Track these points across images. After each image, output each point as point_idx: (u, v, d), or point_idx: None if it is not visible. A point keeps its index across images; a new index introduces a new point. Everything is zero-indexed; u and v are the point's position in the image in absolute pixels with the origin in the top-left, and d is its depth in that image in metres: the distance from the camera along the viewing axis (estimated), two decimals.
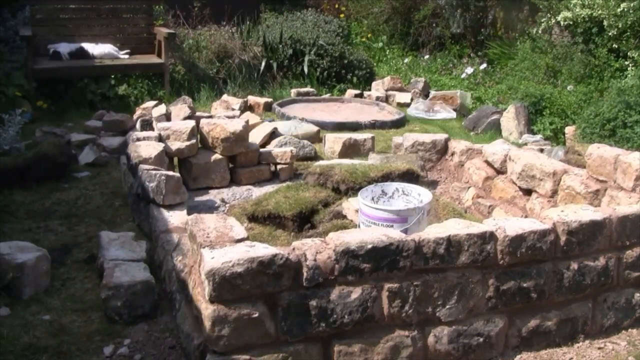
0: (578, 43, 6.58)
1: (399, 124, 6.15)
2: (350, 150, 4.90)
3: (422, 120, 6.49)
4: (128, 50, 7.22)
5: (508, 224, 2.56)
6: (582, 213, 2.67)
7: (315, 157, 4.92)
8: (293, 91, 7.18)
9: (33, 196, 4.15)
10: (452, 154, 4.60)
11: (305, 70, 7.61)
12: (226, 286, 2.10)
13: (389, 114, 6.51)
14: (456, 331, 2.47)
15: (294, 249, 2.26)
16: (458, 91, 7.01)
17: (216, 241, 2.25)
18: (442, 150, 4.68)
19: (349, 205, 3.67)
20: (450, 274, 2.43)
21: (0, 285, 2.87)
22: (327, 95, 7.22)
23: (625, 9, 5.99)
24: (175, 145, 4.21)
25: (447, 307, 2.43)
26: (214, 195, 4.22)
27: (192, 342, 2.32)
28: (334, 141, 4.97)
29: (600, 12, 6.20)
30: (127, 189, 4.11)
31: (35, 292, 2.94)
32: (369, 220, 3.26)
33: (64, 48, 6.82)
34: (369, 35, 9.57)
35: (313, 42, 7.79)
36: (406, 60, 8.85)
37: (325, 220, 3.66)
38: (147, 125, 5.00)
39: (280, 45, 7.74)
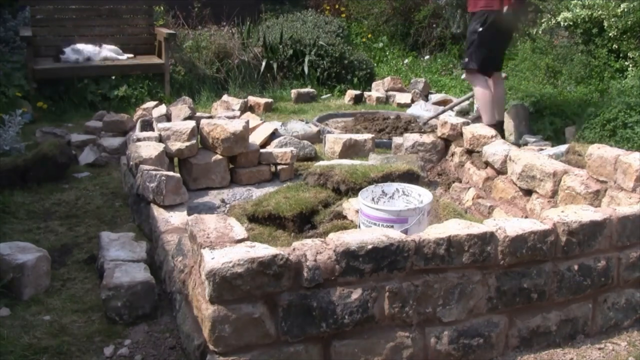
0: (578, 44, 6.58)
1: None
2: (351, 150, 4.90)
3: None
4: (131, 55, 7.22)
5: (508, 224, 2.55)
6: (583, 213, 2.67)
7: (316, 157, 4.92)
8: (293, 92, 7.17)
9: (33, 197, 4.15)
10: (453, 155, 4.60)
11: (306, 70, 7.61)
12: (226, 287, 2.10)
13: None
14: (456, 331, 2.47)
15: (294, 249, 2.26)
16: (453, 98, 7.04)
17: (216, 242, 2.25)
18: (443, 150, 4.68)
19: (349, 206, 3.67)
20: (451, 274, 2.42)
21: (0, 286, 2.87)
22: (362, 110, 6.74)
23: (626, 10, 5.99)
24: (175, 145, 4.21)
25: (448, 307, 2.43)
26: (214, 196, 4.22)
27: (193, 343, 2.32)
28: (334, 142, 4.96)
29: (600, 12, 6.20)
30: (127, 189, 4.11)
31: (36, 292, 2.94)
32: (369, 221, 3.26)
33: (70, 53, 6.84)
34: (369, 36, 9.57)
35: (313, 43, 7.79)
36: (406, 60, 8.85)
37: (325, 220, 3.66)
38: (147, 125, 5.00)
39: (281, 46, 7.75)
